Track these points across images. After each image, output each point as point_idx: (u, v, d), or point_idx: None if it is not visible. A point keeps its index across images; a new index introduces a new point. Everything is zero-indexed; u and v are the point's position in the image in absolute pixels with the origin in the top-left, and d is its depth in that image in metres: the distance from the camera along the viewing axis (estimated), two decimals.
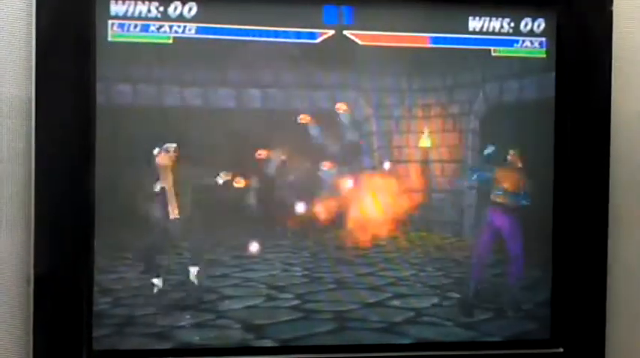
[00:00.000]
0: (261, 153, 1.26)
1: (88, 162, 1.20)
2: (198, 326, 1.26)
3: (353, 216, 1.31)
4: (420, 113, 1.31)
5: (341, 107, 1.29)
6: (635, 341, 1.40)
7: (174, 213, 1.24)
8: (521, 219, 1.33)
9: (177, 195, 1.24)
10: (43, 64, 1.19)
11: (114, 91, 1.22)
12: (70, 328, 1.20)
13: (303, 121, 1.27)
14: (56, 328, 1.20)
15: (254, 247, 1.28)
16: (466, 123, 1.32)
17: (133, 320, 1.24)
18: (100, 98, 1.21)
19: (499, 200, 1.33)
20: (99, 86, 1.21)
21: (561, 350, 1.33)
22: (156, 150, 1.23)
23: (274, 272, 1.29)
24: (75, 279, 1.20)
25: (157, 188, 1.23)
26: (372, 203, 1.31)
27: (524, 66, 1.33)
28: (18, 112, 1.22)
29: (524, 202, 1.33)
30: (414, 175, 1.32)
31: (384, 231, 1.31)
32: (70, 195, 1.20)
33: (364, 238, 1.31)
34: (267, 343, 1.27)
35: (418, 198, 1.32)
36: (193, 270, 1.25)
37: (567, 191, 1.32)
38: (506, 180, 1.33)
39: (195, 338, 1.25)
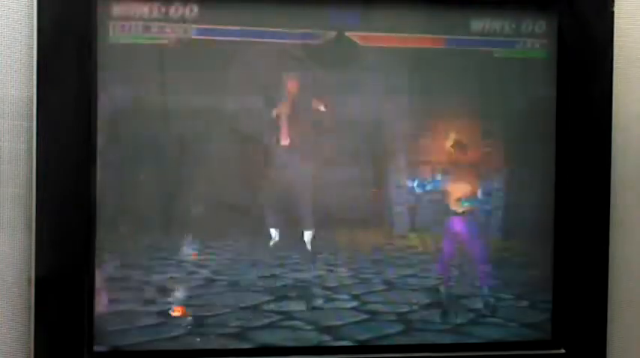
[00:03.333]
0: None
1: (89, 163, 1.20)
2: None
3: (379, 215, 1.31)
4: (421, 114, 1.31)
5: (342, 108, 1.29)
6: (637, 341, 1.40)
7: None
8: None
9: None
10: (44, 64, 1.19)
11: (115, 92, 1.22)
12: (71, 329, 1.20)
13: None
14: (57, 329, 1.20)
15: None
16: (467, 124, 1.32)
17: (135, 320, 1.24)
18: (102, 99, 1.21)
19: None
20: (100, 87, 1.21)
21: (563, 351, 1.33)
22: None
23: (321, 273, 1.29)
24: (76, 280, 1.20)
25: None
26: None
27: (525, 67, 1.33)
28: (19, 113, 1.22)
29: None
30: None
31: (412, 232, 1.32)
32: (72, 195, 1.20)
33: (396, 239, 1.31)
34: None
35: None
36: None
37: (568, 191, 1.32)
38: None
39: (197, 339, 1.26)
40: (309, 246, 1.28)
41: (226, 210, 1.27)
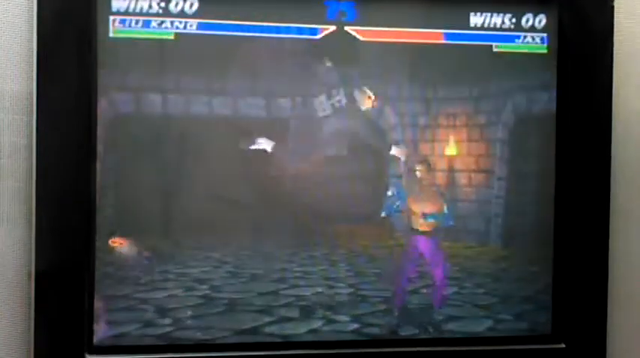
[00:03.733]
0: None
1: (89, 157, 1.20)
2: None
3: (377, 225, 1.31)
4: (420, 109, 1.31)
5: (342, 101, 1.29)
6: (637, 336, 1.40)
7: None
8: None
9: None
10: (44, 59, 1.19)
11: (115, 87, 1.22)
12: (71, 323, 1.20)
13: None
14: (57, 323, 1.20)
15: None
16: (466, 119, 1.32)
17: (134, 315, 1.24)
18: (102, 93, 1.21)
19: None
20: (100, 81, 1.21)
21: (563, 345, 1.33)
22: None
23: (320, 290, 1.29)
24: (76, 274, 1.20)
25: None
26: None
27: (525, 61, 1.33)
28: (19, 107, 1.22)
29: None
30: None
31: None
32: (72, 190, 1.20)
33: (393, 249, 1.31)
34: None
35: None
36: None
37: (568, 187, 1.32)
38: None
39: (197, 334, 1.25)
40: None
41: (225, 205, 1.27)
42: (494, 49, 1.32)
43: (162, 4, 1.23)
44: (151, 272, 1.24)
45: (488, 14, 1.31)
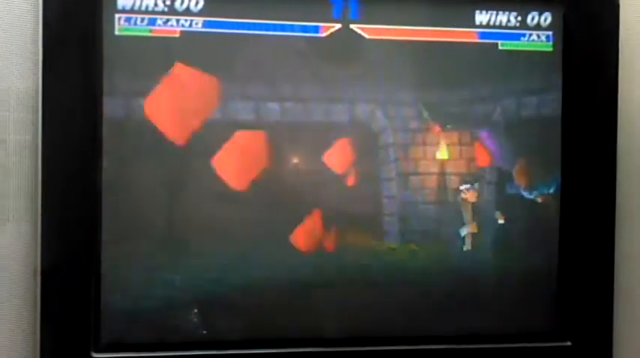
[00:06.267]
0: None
1: (95, 155, 1.21)
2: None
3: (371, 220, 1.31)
4: (425, 107, 1.31)
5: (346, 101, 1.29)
6: None
7: None
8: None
9: None
10: (49, 57, 1.19)
11: (121, 84, 1.22)
12: (77, 320, 1.20)
13: None
14: (63, 320, 1.20)
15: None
16: (473, 117, 1.32)
17: (141, 312, 1.24)
18: (107, 91, 1.21)
19: None
20: (105, 79, 1.21)
21: (569, 343, 1.33)
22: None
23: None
24: (82, 272, 1.20)
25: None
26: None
27: (530, 60, 1.33)
28: (25, 105, 1.22)
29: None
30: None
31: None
32: (77, 187, 1.20)
33: (385, 246, 1.31)
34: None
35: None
36: None
37: (574, 183, 1.32)
38: None
39: (203, 331, 1.26)
40: None
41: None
42: (500, 47, 1.32)
43: (168, 2, 1.24)
44: (157, 270, 1.25)
45: (494, 12, 1.31)
